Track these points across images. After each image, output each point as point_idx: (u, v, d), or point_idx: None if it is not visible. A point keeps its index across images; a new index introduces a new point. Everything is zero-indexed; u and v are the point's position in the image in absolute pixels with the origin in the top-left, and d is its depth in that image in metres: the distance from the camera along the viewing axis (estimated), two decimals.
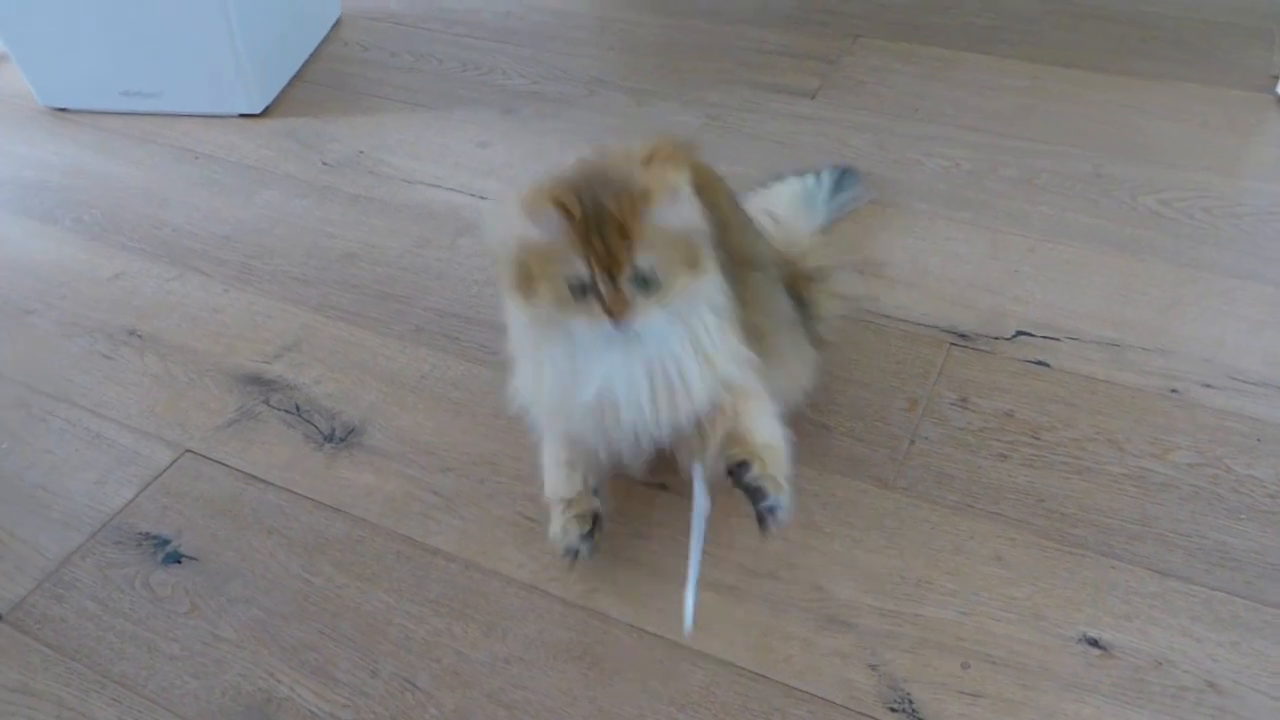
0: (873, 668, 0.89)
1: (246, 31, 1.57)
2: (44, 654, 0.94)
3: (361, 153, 1.56)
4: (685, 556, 0.98)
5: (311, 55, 1.81)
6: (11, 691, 0.91)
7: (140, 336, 1.26)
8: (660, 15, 1.90)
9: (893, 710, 0.86)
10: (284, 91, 1.71)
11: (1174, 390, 1.12)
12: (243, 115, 1.65)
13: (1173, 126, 1.53)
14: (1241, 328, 1.19)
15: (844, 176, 1.39)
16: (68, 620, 0.96)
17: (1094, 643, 0.90)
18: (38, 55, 1.62)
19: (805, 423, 1.11)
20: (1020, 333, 1.20)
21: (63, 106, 1.69)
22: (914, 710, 0.86)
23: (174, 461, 1.11)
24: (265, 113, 1.66)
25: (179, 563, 1.01)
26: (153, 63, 1.60)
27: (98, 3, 1.55)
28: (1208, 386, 1.13)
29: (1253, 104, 1.57)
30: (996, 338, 1.20)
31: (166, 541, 1.03)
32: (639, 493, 1.05)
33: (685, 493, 1.04)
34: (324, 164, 1.54)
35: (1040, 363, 1.16)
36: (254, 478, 1.09)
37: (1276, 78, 1.59)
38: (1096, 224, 1.35)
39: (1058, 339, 1.19)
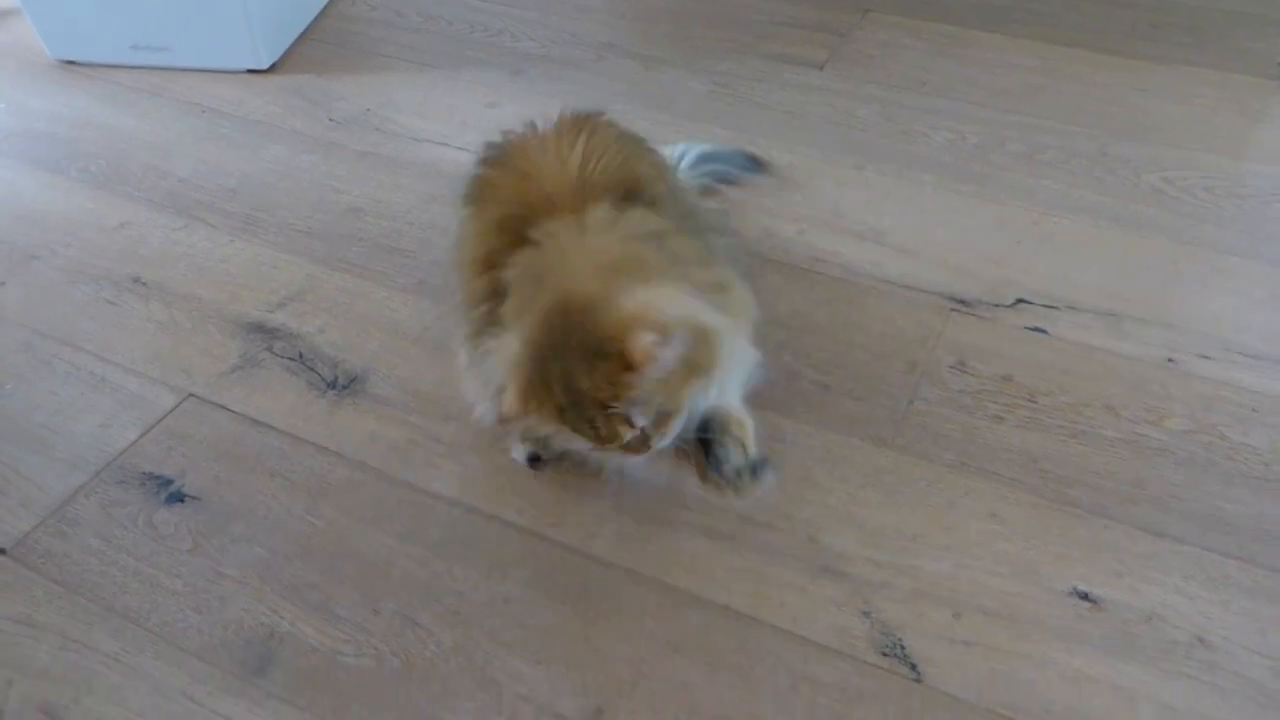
0: (866, 615, 0.90)
1: None
2: (47, 588, 0.95)
3: (369, 110, 1.57)
4: (682, 506, 0.99)
5: (319, 14, 1.81)
6: (15, 623, 0.92)
7: (145, 284, 1.27)
8: None
9: (885, 655, 0.87)
10: (291, 49, 1.72)
11: (1171, 360, 1.13)
12: (250, 71, 1.66)
13: (1179, 109, 1.53)
14: (1240, 304, 1.20)
15: (718, 153, 1.35)
16: (71, 556, 0.97)
17: (1085, 596, 0.91)
18: (49, 9, 1.63)
19: (804, 381, 1.12)
20: (1020, 300, 1.21)
21: (72, 60, 1.69)
22: (906, 655, 0.87)
23: (177, 405, 1.12)
24: (272, 69, 1.67)
25: (182, 502, 1.02)
26: (162, 17, 1.61)
27: None
28: (1205, 358, 1.14)
29: (1259, 90, 1.58)
30: (997, 305, 1.21)
31: (169, 482, 1.04)
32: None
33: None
34: (330, 120, 1.55)
35: (1039, 329, 1.17)
36: (257, 422, 1.09)
37: None
38: (1100, 200, 1.36)
39: (1057, 308, 1.20)
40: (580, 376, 0.78)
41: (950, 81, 1.61)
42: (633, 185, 0.91)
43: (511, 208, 0.90)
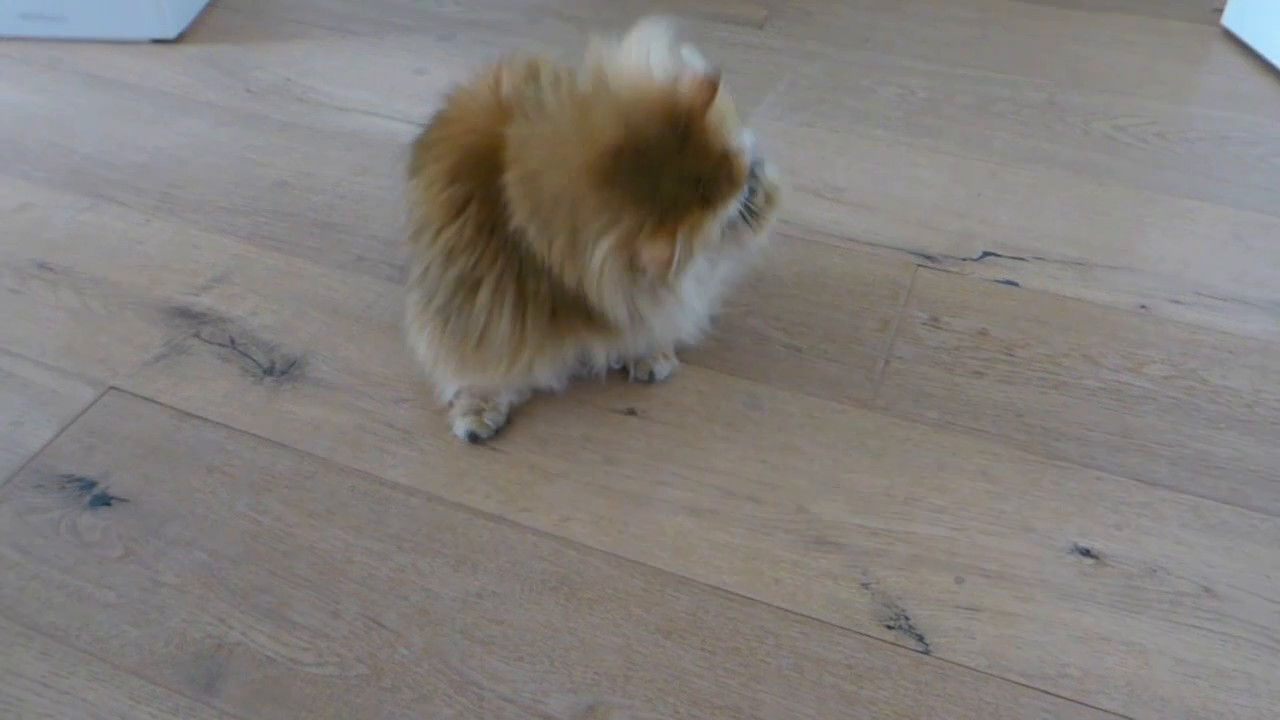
0: (865, 586, 0.85)
1: None
2: None
3: (289, 80, 1.46)
4: (660, 482, 0.93)
5: None
6: None
7: (52, 270, 1.16)
8: None
9: (889, 628, 0.82)
10: (200, 17, 1.60)
11: (1143, 306, 1.11)
12: (156, 41, 1.54)
13: (1121, 56, 1.52)
14: (1204, 246, 1.18)
15: None
16: None
17: (1086, 552, 0.88)
18: None
19: (775, 345, 1.07)
20: (987, 253, 1.18)
21: None
22: (911, 627, 0.83)
23: (97, 399, 1.02)
24: (180, 39, 1.55)
25: (108, 505, 0.92)
26: None
27: None
28: (1176, 302, 1.11)
29: (1197, 35, 1.57)
30: (964, 259, 1.17)
31: (93, 484, 0.94)
32: (608, 419, 0.99)
33: (656, 418, 0.99)
34: (248, 91, 1.44)
35: (1009, 282, 1.14)
36: (188, 414, 1.00)
37: (1218, 10, 1.59)
38: (1054, 149, 1.33)
39: (1024, 259, 1.17)
40: (687, 157, 0.78)
41: (892, 36, 1.57)
42: None
43: (460, 154, 0.85)
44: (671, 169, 0.78)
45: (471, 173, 0.84)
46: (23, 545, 0.89)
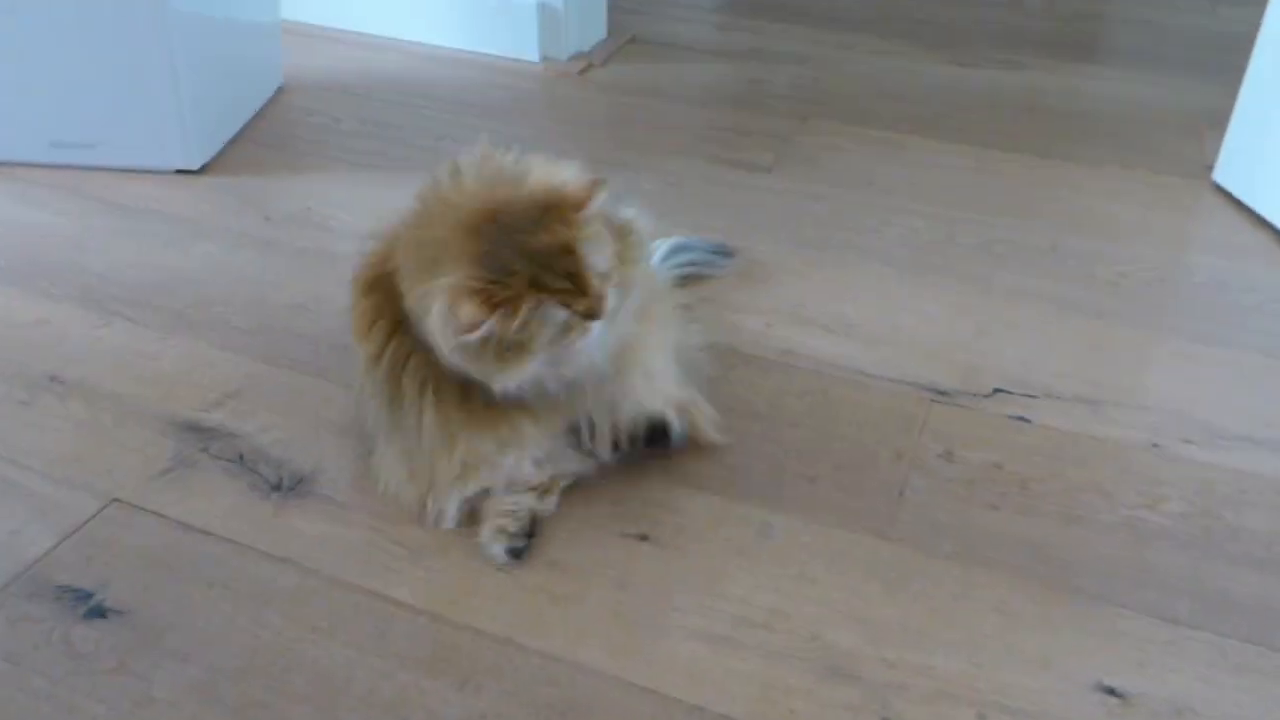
0: None
1: (191, 85, 1.52)
2: None
3: (309, 209, 1.50)
4: (673, 609, 0.91)
5: (253, 117, 1.75)
6: None
7: (63, 383, 1.16)
8: (609, 94, 1.90)
9: None
10: (223, 150, 1.65)
11: (1155, 445, 1.11)
12: (179, 171, 1.58)
13: (1118, 207, 1.56)
14: (1211, 387, 1.19)
15: (688, 244, 1.34)
16: None
17: (1111, 691, 0.85)
18: None
19: (788, 474, 1.06)
20: (998, 390, 1.18)
21: None
22: None
23: (100, 511, 1.00)
24: (204, 170, 1.59)
25: (103, 617, 0.90)
26: (87, 113, 1.53)
27: (32, 52, 1.48)
28: (1188, 442, 1.11)
29: (1189, 189, 1.62)
30: (975, 394, 1.17)
31: (89, 595, 0.92)
32: (620, 544, 0.98)
33: (669, 543, 0.98)
34: (266, 219, 1.47)
35: (1021, 418, 1.14)
36: (191, 527, 0.98)
37: (1209, 166, 1.65)
38: (1058, 289, 1.36)
39: (1035, 396, 1.17)
40: (537, 234, 0.82)
41: (894, 181, 1.61)
42: None
43: (371, 266, 0.95)
44: (521, 246, 0.83)
45: (379, 280, 0.92)
46: (12, 655, 0.86)
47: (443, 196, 0.90)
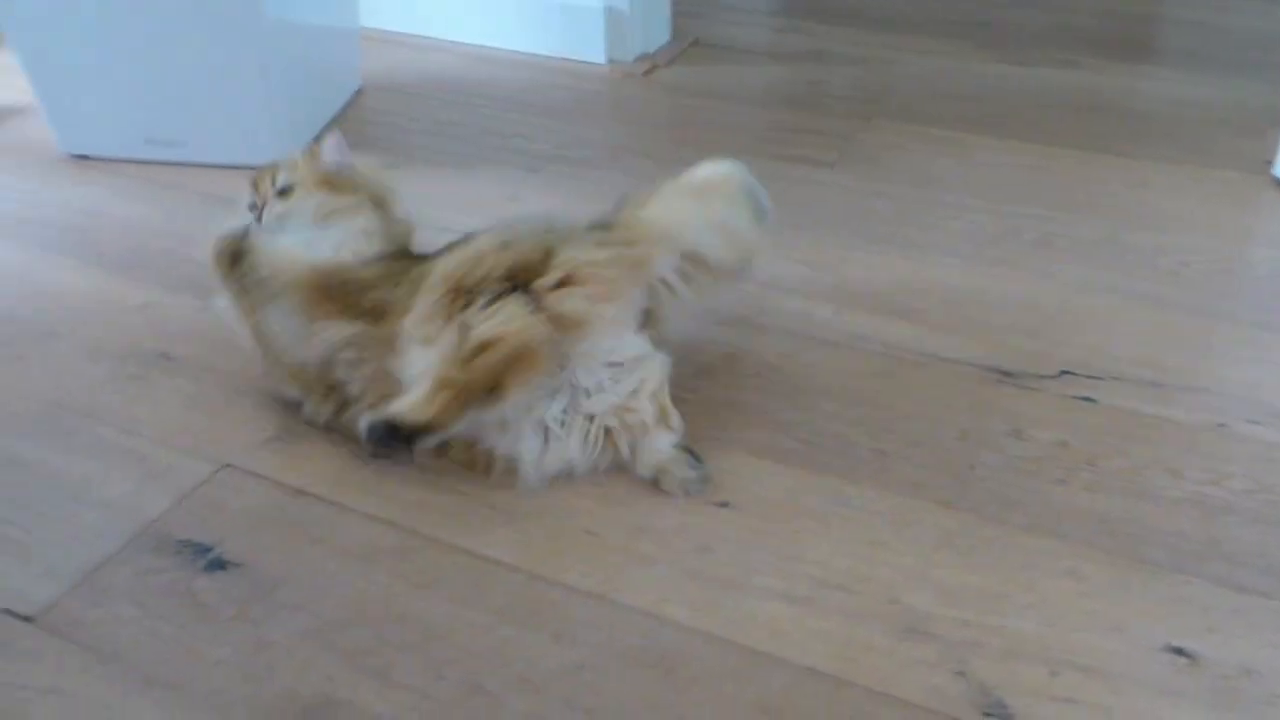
0: (960, 675, 0.86)
1: (280, 87, 1.59)
2: (80, 656, 0.88)
3: None
4: (754, 570, 0.96)
5: (333, 118, 1.83)
6: (44, 693, 0.85)
7: (171, 359, 1.23)
8: (673, 95, 1.95)
9: (987, 715, 0.83)
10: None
11: (1221, 425, 1.14)
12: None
13: (1178, 202, 1.59)
14: (1275, 371, 1.22)
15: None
16: (104, 624, 0.91)
17: (1180, 651, 0.88)
18: (64, 103, 1.62)
19: (860, 448, 1.10)
20: (1064, 372, 1.22)
21: (83, 154, 1.68)
22: (1008, 714, 0.83)
23: (212, 475, 1.06)
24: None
25: (223, 569, 0.96)
26: (181, 112, 1.61)
27: (132, 53, 1.56)
28: (1254, 422, 1.14)
29: (1250, 184, 1.64)
30: (1041, 375, 1.21)
31: (208, 549, 0.98)
32: (701, 510, 1.02)
33: (747, 510, 1.02)
34: None
35: (1087, 399, 1.17)
36: (298, 491, 1.04)
37: (1269, 161, 1.67)
38: (1120, 280, 1.39)
39: (1100, 378, 1.21)
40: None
41: (956, 178, 1.65)
42: None
43: None
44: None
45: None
46: (141, 602, 0.92)
47: None
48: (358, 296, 1.04)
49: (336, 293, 1.04)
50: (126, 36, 1.54)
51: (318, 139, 1.08)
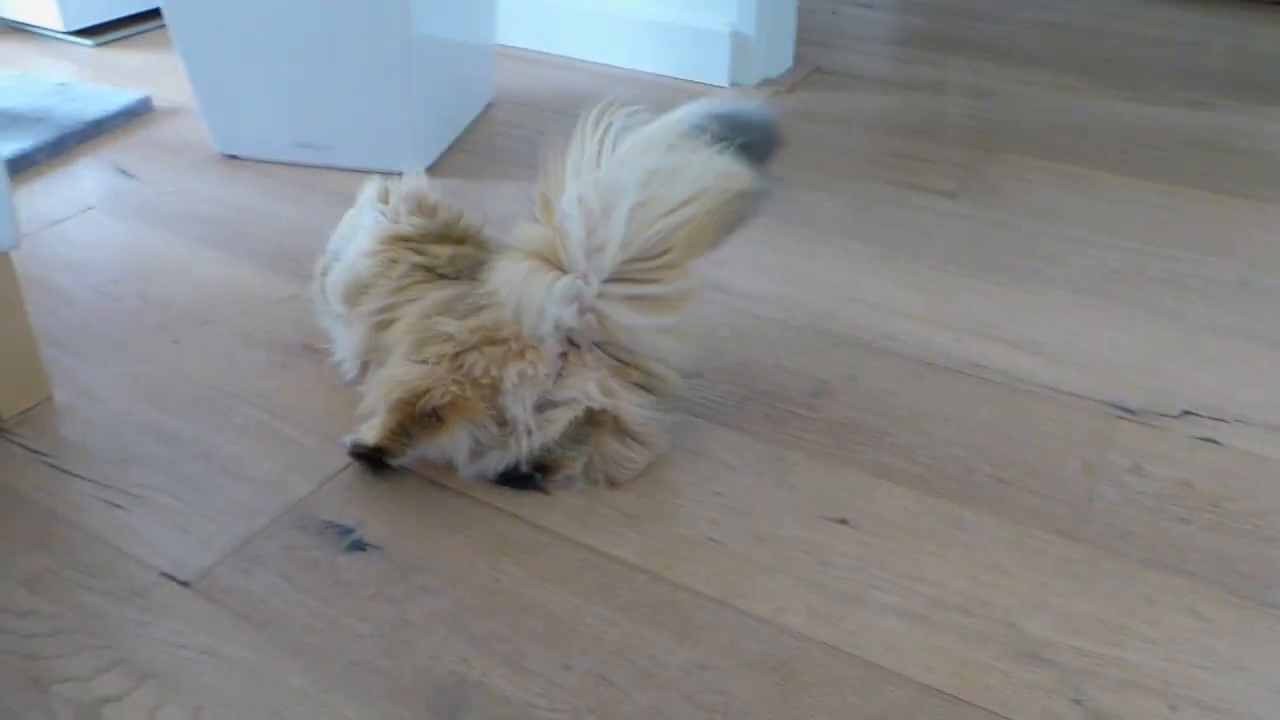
0: (1077, 702, 0.87)
1: (422, 98, 1.66)
2: (233, 621, 0.94)
3: (519, 213, 1.62)
4: (872, 586, 0.98)
5: (467, 128, 1.90)
6: (201, 653, 0.91)
7: (315, 352, 1.30)
8: (794, 119, 1.98)
9: None
10: (442, 156, 1.80)
11: None
12: (403, 173, 1.73)
13: None
14: None
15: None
16: (255, 593, 0.97)
17: None
18: (222, 107, 1.72)
19: (979, 475, 1.11)
20: (1187, 412, 1.21)
21: (234, 154, 1.77)
22: None
23: (353, 461, 1.12)
24: (425, 172, 1.74)
25: (363, 550, 1.01)
26: (329, 118, 1.69)
27: (287, 63, 1.65)
28: None
29: None
30: (1163, 415, 1.21)
31: (350, 530, 1.04)
32: (821, 525, 1.05)
33: (866, 528, 1.04)
34: (485, 219, 1.60)
35: (1211, 440, 1.17)
36: (434, 482, 1.10)
37: None
38: (1250, 325, 1.37)
39: (1225, 420, 1.20)
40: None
41: (1080, 213, 1.65)
42: None
43: None
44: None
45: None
46: (288, 575, 0.98)
47: None
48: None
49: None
50: (282, 47, 1.63)
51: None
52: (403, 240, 1.18)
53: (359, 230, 1.23)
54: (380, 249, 1.17)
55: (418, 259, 1.16)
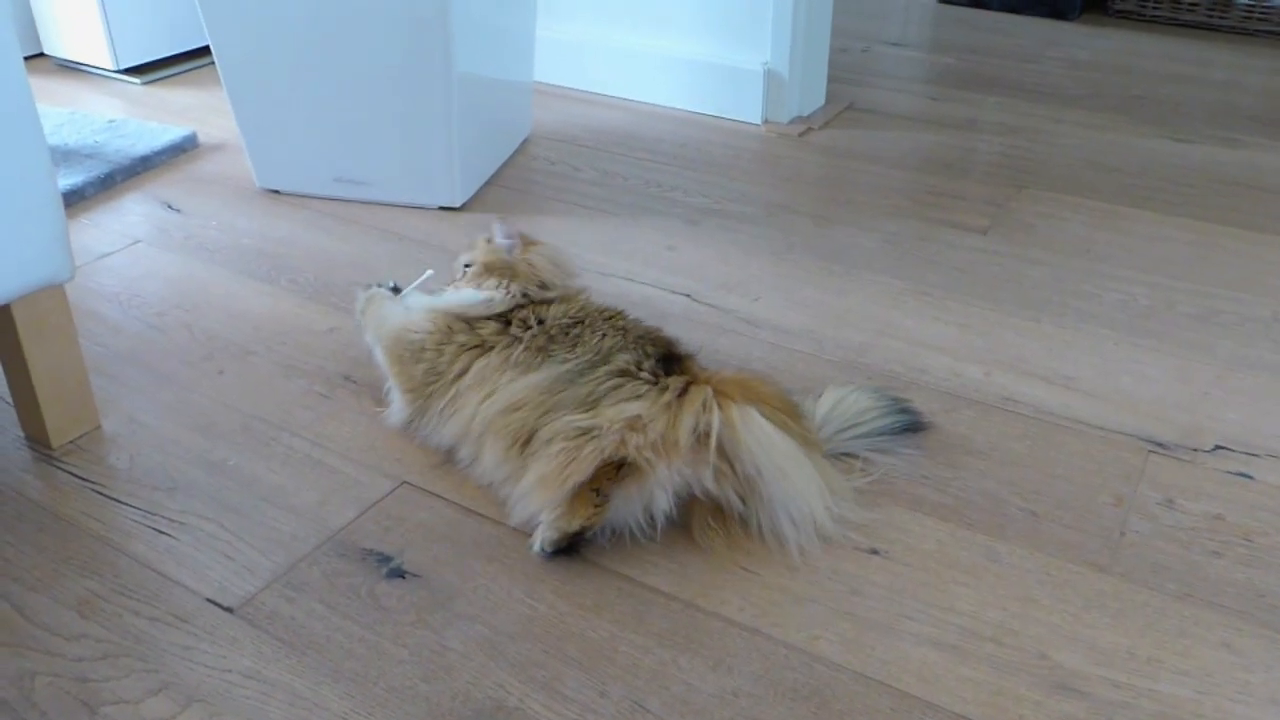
0: None
1: (462, 134, 1.70)
2: (275, 646, 0.96)
3: None
4: (904, 615, 0.99)
5: (504, 164, 1.94)
6: (245, 677, 0.93)
7: (355, 382, 1.32)
8: (827, 156, 2.01)
9: None
10: (479, 192, 1.83)
11: None
12: (442, 208, 1.77)
13: None
14: None
15: (889, 411, 1.22)
16: (297, 619, 0.99)
17: None
18: (265, 143, 1.77)
19: (1010, 507, 1.12)
20: (1219, 447, 1.21)
21: (276, 189, 1.82)
22: None
23: (392, 491, 1.15)
24: (463, 207, 1.78)
25: (402, 578, 1.03)
26: (370, 155, 1.73)
27: (329, 101, 1.69)
28: None
29: None
30: (1195, 449, 1.21)
31: (389, 558, 1.06)
32: (853, 556, 1.06)
33: (898, 559, 1.05)
34: None
35: (1243, 474, 1.17)
36: (471, 511, 1.12)
37: None
38: None
39: (1257, 455, 1.20)
40: None
41: (1112, 250, 1.66)
42: None
43: None
44: None
45: None
46: (329, 602, 1.00)
47: None
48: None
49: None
50: (326, 85, 1.68)
51: (500, 219, 1.28)
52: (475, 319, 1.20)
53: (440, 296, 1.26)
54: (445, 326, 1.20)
55: (466, 338, 1.18)
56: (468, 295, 1.22)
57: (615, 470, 1.02)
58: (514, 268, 1.23)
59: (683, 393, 1.07)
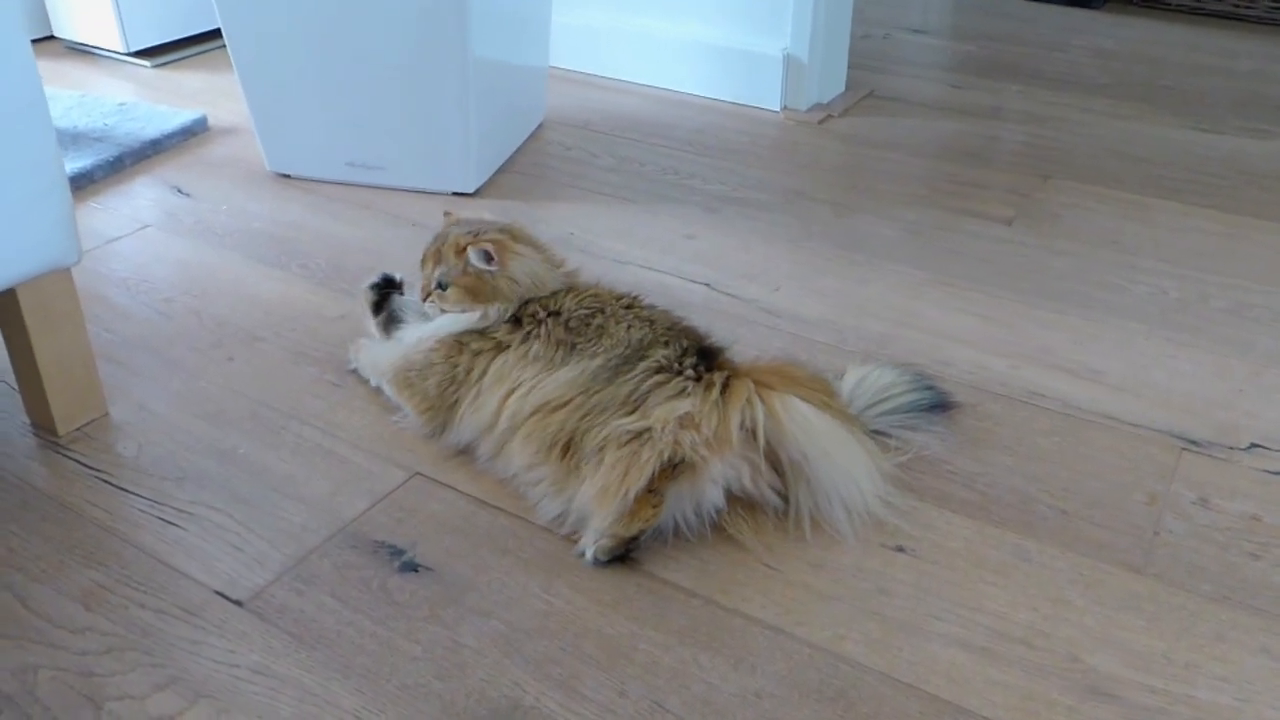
0: None
1: (477, 120, 1.67)
2: (285, 640, 0.93)
3: (572, 234, 1.62)
4: (932, 616, 0.96)
5: (518, 149, 1.91)
6: (254, 672, 0.90)
7: None
8: (847, 144, 1.97)
9: None
10: (492, 178, 1.80)
11: None
12: (455, 194, 1.74)
13: None
14: None
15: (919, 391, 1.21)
16: (307, 612, 0.96)
17: None
18: (276, 127, 1.74)
19: (1040, 505, 1.09)
20: (1255, 445, 1.18)
21: (287, 173, 1.79)
22: None
23: (404, 482, 1.12)
24: (476, 193, 1.74)
25: (415, 571, 1.01)
26: (382, 139, 1.70)
27: (342, 85, 1.66)
28: None
29: None
30: (1231, 447, 1.17)
31: (402, 551, 1.03)
32: (878, 553, 1.03)
33: (925, 557, 1.02)
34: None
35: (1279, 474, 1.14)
36: (485, 503, 1.09)
37: None
38: None
39: None
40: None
41: (1139, 241, 1.62)
42: None
43: None
44: None
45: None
46: (340, 595, 0.98)
47: None
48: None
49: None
50: (339, 69, 1.65)
51: (475, 233, 1.19)
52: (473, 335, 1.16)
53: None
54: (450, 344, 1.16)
55: (479, 344, 1.15)
56: (464, 320, 1.16)
57: (671, 470, 0.99)
58: (498, 289, 1.16)
59: (725, 387, 1.04)
